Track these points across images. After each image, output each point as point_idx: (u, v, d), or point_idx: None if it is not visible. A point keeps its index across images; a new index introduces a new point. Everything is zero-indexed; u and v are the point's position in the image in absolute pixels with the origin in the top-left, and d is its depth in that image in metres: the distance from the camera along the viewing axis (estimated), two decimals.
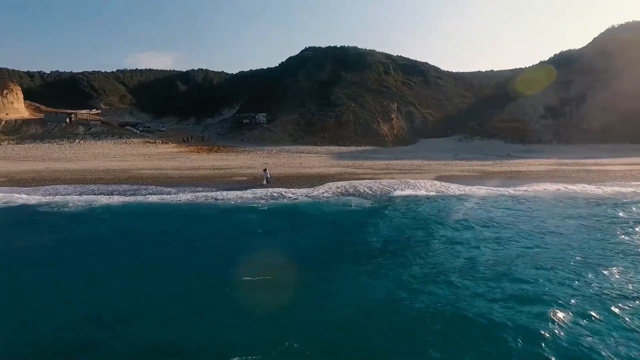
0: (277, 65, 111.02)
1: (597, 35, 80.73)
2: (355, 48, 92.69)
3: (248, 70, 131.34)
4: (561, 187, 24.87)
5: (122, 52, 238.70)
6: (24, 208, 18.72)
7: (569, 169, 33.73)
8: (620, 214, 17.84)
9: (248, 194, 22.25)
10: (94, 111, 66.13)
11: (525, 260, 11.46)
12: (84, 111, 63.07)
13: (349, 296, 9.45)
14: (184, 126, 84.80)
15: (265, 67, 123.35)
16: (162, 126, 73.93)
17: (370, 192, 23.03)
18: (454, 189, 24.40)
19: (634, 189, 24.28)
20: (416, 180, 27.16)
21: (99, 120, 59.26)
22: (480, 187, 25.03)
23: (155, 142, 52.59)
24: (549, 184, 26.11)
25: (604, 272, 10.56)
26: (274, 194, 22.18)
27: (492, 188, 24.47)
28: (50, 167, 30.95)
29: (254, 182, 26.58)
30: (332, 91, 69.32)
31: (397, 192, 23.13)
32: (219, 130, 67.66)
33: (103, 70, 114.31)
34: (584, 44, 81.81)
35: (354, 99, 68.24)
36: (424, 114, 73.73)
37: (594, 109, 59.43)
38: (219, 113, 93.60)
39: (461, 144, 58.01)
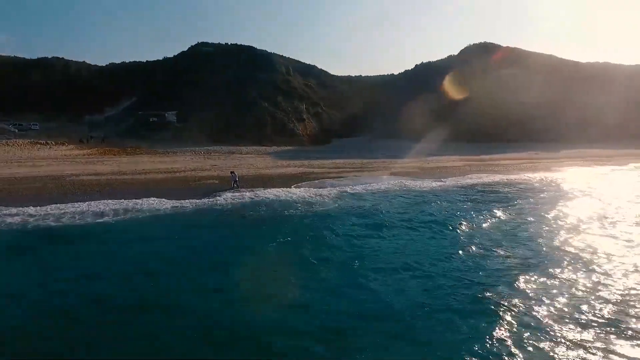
0: (162, 59, 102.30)
1: (457, 52, 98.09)
2: (251, 47, 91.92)
3: (121, 62, 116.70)
4: (497, 177, 30.60)
5: None
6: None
7: (479, 164, 40.86)
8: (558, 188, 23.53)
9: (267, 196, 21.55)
10: None
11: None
12: None
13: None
14: (60, 124, 70.99)
15: (141, 60, 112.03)
16: (34, 124, 61.26)
17: (365, 190, 24.33)
18: (427, 184, 27.22)
19: (531, 176, 31.45)
20: (388, 177, 29.84)
21: None
22: (440, 179, 28.92)
23: (47, 143, 43.52)
24: (483, 175, 31.87)
25: None
26: (298, 196, 21.81)
27: (452, 180, 28.66)
28: None
29: (226, 185, 25.11)
30: (244, 91, 67.66)
31: (383, 186, 25.24)
32: (117, 130, 59.20)
33: None
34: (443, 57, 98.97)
35: (267, 99, 68.04)
36: (330, 114, 78.18)
37: (467, 114, 72.20)
38: (102, 110, 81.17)
39: (372, 143, 63.67)
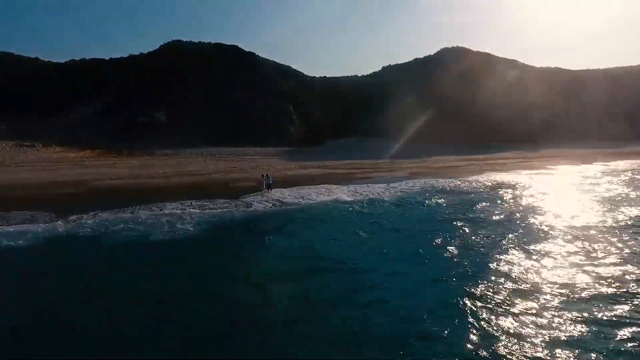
0: (128, 56, 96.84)
1: (425, 55, 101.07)
2: (236, 47, 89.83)
3: (80, 59, 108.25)
4: (510, 176, 32.08)
5: None
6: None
7: (480, 163, 43.01)
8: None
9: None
10: None
11: None
12: None
13: None
14: (29, 124, 65.28)
15: (103, 57, 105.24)
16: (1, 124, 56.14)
17: (410, 190, 24.88)
18: (455, 182, 28.12)
19: (540, 172, 33.81)
20: (411, 177, 30.84)
21: None
22: (461, 178, 30.15)
23: (33, 145, 40.27)
24: (493, 173, 33.57)
25: None
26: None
27: (474, 178, 30.05)
28: None
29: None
30: (233, 91, 66.13)
31: (417, 185, 26.05)
32: (102, 131, 55.54)
33: None
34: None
35: (256, 99, 66.99)
36: (316, 115, 78.28)
37: (450, 116, 75.23)
38: (71, 110, 75.63)
39: (366, 144, 64.48)
